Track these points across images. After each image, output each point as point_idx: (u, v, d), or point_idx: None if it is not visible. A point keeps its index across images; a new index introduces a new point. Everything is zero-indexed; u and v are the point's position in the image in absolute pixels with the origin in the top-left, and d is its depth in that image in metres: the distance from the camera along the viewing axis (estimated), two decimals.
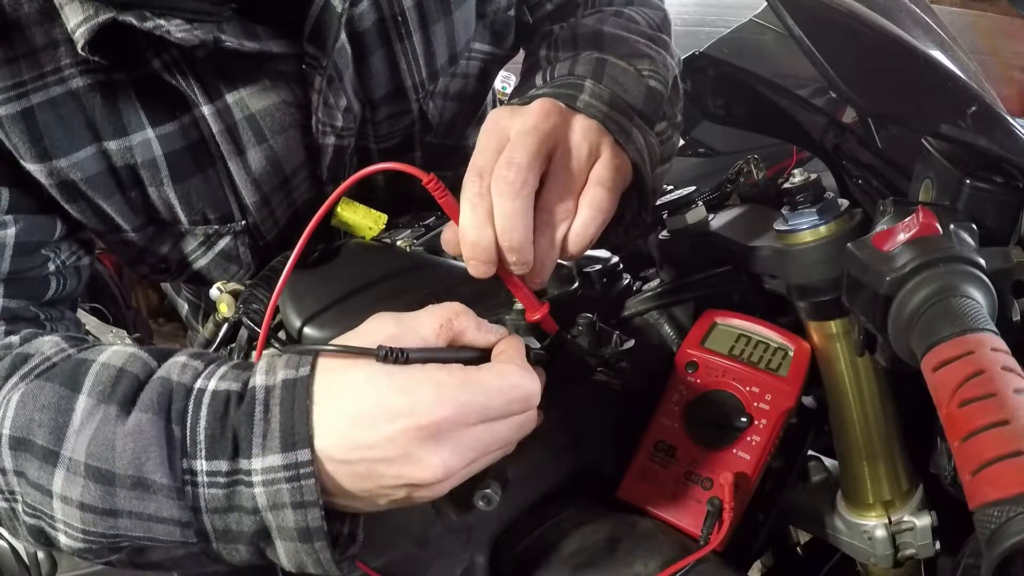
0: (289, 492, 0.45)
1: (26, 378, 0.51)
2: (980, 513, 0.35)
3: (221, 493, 0.46)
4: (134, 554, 0.50)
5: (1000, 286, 0.47)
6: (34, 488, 0.49)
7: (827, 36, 0.53)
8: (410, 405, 0.44)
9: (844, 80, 0.52)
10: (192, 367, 0.50)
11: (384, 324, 0.49)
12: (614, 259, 0.76)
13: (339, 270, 0.68)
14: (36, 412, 0.49)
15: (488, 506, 0.59)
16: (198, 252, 0.74)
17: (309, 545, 0.46)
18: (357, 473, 0.46)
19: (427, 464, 0.45)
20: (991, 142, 0.53)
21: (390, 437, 0.44)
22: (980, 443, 0.36)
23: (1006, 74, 2.00)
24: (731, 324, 0.68)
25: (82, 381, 0.49)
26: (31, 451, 0.48)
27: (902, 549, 0.65)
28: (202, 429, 0.46)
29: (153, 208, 0.68)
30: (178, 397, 0.48)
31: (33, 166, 0.61)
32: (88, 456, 0.47)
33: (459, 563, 0.62)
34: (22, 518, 0.51)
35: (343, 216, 0.72)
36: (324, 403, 0.45)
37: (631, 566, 0.58)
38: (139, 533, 0.48)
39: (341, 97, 0.70)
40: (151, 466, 0.46)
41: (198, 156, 0.67)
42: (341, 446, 0.45)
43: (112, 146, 0.63)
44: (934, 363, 0.41)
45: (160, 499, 0.47)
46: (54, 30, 0.59)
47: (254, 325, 0.59)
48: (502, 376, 0.47)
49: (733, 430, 0.62)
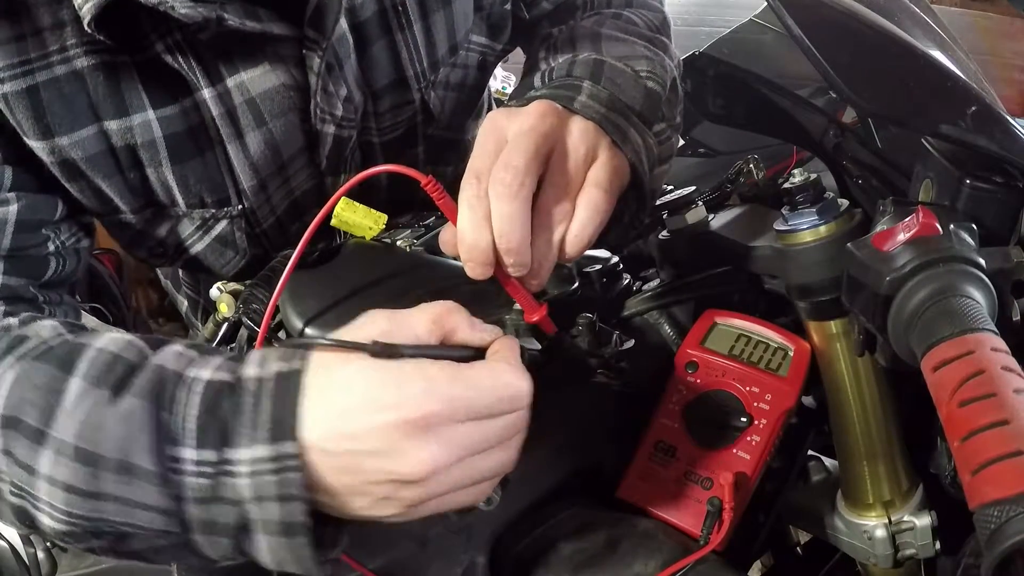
0: (274, 485, 0.44)
1: (22, 359, 0.51)
2: (980, 513, 0.35)
3: (207, 483, 0.46)
4: (115, 541, 0.50)
5: (1000, 286, 0.47)
6: (20, 467, 0.49)
7: (827, 36, 0.54)
8: (398, 398, 0.44)
9: (844, 80, 0.52)
10: (187, 356, 0.50)
11: (377, 320, 0.48)
12: (614, 259, 0.76)
13: (339, 270, 0.68)
14: (28, 392, 0.49)
15: (488, 506, 0.60)
16: (195, 236, 0.75)
17: (291, 540, 0.46)
18: (341, 465, 0.45)
19: (413, 458, 0.44)
20: (991, 142, 0.53)
21: (376, 429, 0.44)
22: (980, 443, 0.36)
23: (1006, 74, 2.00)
24: (731, 324, 0.68)
25: (76, 364, 0.49)
26: (20, 430, 0.48)
27: (902, 549, 0.65)
28: (192, 418, 0.46)
29: (151, 190, 0.69)
30: (170, 385, 0.47)
31: (36, 143, 0.62)
32: (77, 438, 0.47)
33: (459, 563, 0.62)
34: (7, 498, 0.51)
35: (343, 216, 0.72)
36: (314, 396, 0.45)
37: (631, 566, 0.58)
38: (121, 519, 0.48)
39: (341, 86, 0.71)
40: (138, 451, 0.46)
41: (197, 139, 0.68)
42: (327, 437, 0.44)
43: (113, 126, 0.64)
44: (934, 363, 0.41)
45: (144, 485, 0.46)
46: (61, 11, 0.60)
47: (254, 325, 0.59)
48: (494, 374, 0.47)
49: (733, 430, 0.62)
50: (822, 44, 0.52)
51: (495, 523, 0.62)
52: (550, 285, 0.67)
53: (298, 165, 0.75)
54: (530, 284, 0.54)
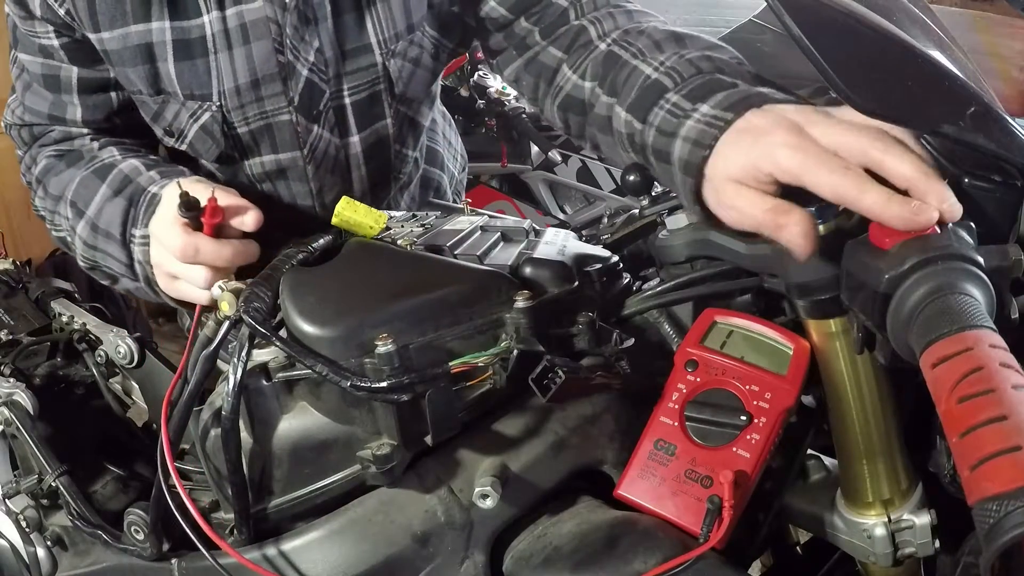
0: (146, 253, 0.85)
1: (87, 168, 0.94)
2: (979, 508, 0.35)
3: (140, 249, 0.86)
4: (111, 279, 0.95)
5: (998, 284, 0.48)
6: (70, 226, 0.95)
7: (826, 36, 0.54)
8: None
9: (843, 80, 0.52)
10: (156, 180, 0.88)
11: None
12: (614, 259, 0.76)
13: (339, 269, 0.69)
14: (82, 189, 0.93)
15: (488, 504, 0.60)
16: (188, 122, 0.96)
17: (141, 284, 0.90)
18: (154, 247, 0.83)
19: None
20: (990, 141, 0.53)
21: (164, 226, 0.80)
22: (978, 438, 0.36)
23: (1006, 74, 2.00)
24: (731, 323, 0.68)
25: (107, 176, 0.92)
26: (74, 209, 0.93)
27: (901, 548, 0.65)
28: (143, 213, 0.85)
29: (160, 79, 0.93)
30: (138, 194, 0.87)
31: (92, 35, 0.90)
32: (93, 215, 0.91)
33: (459, 562, 0.62)
34: (66, 238, 0.98)
35: (344, 215, 0.72)
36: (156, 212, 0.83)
37: (631, 564, 0.58)
38: (104, 262, 0.92)
39: (315, 39, 0.92)
40: (115, 226, 0.88)
41: (195, 47, 0.90)
42: (154, 233, 0.82)
43: (140, 28, 0.89)
44: (933, 360, 0.42)
45: (116, 246, 0.88)
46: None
47: (255, 323, 0.60)
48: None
49: (732, 428, 0.62)
50: (821, 44, 0.53)
51: (495, 522, 0.62)
52: (551, 283, 0.67)
53: (272, 90, 0.93)
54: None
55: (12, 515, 0.81)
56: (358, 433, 0.62)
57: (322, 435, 0.62)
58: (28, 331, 0.99)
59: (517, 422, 0.65)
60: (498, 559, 0.64)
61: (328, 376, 0.57)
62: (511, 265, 0.68)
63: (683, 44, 0.78)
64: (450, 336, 0.61)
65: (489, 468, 0.62)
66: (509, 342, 0.61)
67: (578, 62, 0.88)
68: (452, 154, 1.33)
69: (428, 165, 1.22)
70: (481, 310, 0.62)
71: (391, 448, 0.59)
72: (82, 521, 0.74)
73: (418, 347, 0.60)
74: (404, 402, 0.58)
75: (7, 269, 1.18)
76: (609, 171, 2.79)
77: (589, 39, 0.88)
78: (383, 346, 0.57)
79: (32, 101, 1.00)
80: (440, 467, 0.63)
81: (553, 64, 0.91)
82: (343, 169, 1.02)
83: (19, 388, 0.81)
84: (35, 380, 0.90)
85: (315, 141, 0.98)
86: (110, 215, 0.88)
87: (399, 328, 0.59)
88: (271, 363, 0.62)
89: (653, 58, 0.76)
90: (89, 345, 0.93)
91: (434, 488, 0.62)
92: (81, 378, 0.93)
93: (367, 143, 1.02)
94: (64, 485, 0.75)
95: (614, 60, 0.82)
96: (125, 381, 0.91)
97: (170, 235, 0.77)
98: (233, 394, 0.59)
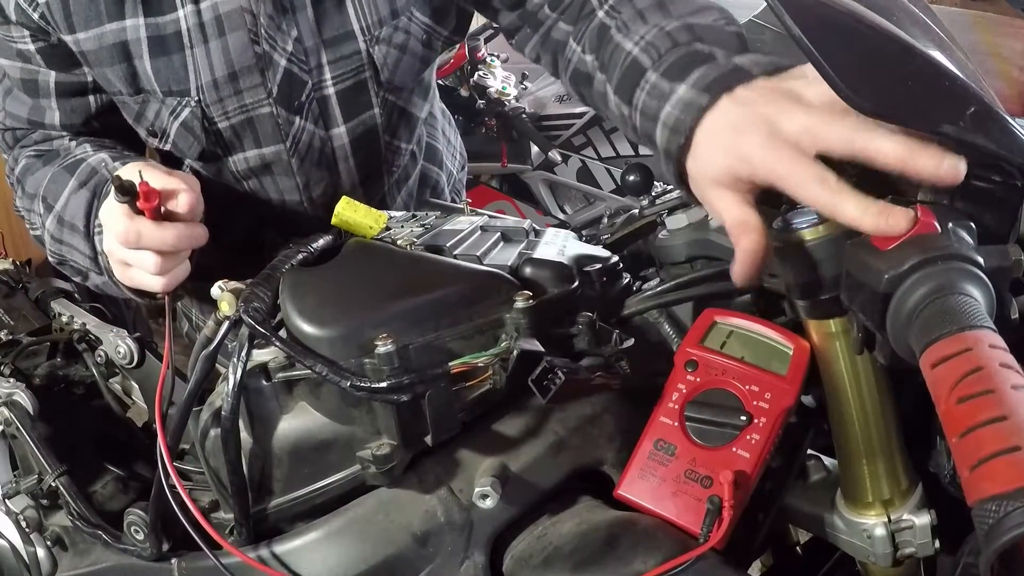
0: (101, 242, 0.85)
1: (60, 165, 0.94)
2: (978, 508, 0.35)
3: (99, 239, 0.86)
4: (80, 275, 0.96)
5: (998, 284, 0.48)
6: (41, 221, 0.94)
7: (826, 36, 0.54)
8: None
9: (844, 80, 0.52)
10: (119, 169, 0.80)
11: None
12: (614, 259, 0.76)
13: (339, 269, 0.69)
14: (52, 184, 0.92)
15: (488, 504, 0.60)
16: (169, 120, 0.95)
17: (105, 277, 0.90)
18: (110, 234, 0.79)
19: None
20: (989, 141, 0.53)
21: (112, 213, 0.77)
22: (978, 439, 0.36)
23: (1006, 74, 2.00)
24: (730, 323, 0.68)
25: (76, 170, 0.91)
26: (44, 204, 0.93)
27: (901, 548, 0.65)
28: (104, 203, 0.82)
29: (138, 77, 0.92)
30: (102, 183, 0.88)
31: (67, 37, 0.89)
32: (60, 208, 0.91)
33: (459, 563, 0.62)
34: (40, 235, 0.96)
35: (344, 215, 0.72)
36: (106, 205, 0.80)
37: (631, 564, 0.58)
38: (71, 256, 0.93)
39: (293, 28, 0.91)
40: (80, 218, 0.88)
41: (171, 43, 0.90)
42: (103, 220, 0.81)
43: (113, 27, 0.88)
44: (932, 360, 0.42)
45: (80, 239, 0.89)
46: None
47: (254, 323, 0.60)
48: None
49: (732, 428, 0.62)
50: (821, 44, 0.52)
51: (495, 522, 0.62)
52: (550, 284, 0.67)
53: (251, 82, 0.92)
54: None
55: (12, 515, 0.81)
56: (358, 433, 0.62)
57: (322, 435, 0.62)
58: (28, 331, 0.99)
59: (517, 422, 0.65)
60: (498, 559, 0.64)
61: (328, 376, 0.57)
62: (511, 265, 0.68)
63: (667, 12, 0.75)
64: (450, 336, 0.61)
65: (489, 468, 0.62)
66: (509, 342, 0.61)
67: (580, 34, 0.86)
68: (451, 152, 1.33)
69: (427, 162, 1.22)
70: (481, 310, 0.62)
71: (391, 448, 0.59)
72: (82, 521, 0.74)
73: (418, 347, 0.60)
74: (404, 402, 0.58)
75: (7, 269, 1.18)
76: (609, 171, 2.79)
77: (592, 8, 0.86)
78: (383, 346, 0.57)
79: (12, 106, 1.00)
80: (440, 467, 0.63)
81: (563, 39, 0.90)
82: (329, 162, 1.01)
83: (19, 388, 0.81)
84: (35, 380, 0.90)
85: (298, 133, 0.96)
86: (75, 207, 0.89)
87: (399, 328, 0.59)
88: (271, 363, 0.62)
89: (635, 31, 0.75)
90: (89, 345, 0.93)
91: (434, 488, 0.62)
92: (81, 378, 0.93)
93: (354, 134, 1.00)
94: (64, 485, 0.75)
95: (604, 33, 0.80)
96: (125, 381, 0.91)
97: (113, 221, 0.75)
98: (233, 394, 0.59)
